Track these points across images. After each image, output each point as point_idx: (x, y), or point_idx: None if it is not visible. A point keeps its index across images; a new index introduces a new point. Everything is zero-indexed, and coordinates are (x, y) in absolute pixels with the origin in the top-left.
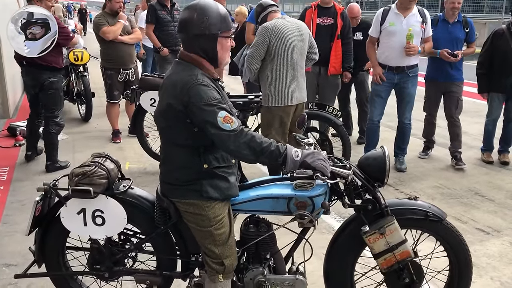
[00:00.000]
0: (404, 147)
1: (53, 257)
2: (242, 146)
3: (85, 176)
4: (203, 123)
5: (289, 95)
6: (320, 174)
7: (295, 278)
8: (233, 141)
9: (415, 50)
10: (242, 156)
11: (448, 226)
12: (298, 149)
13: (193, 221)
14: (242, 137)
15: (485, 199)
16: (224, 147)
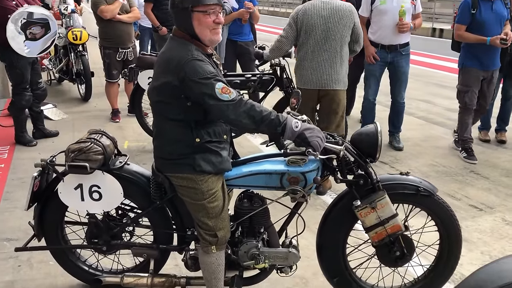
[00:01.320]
0: (398, 125)
1: (52, 231)
2: (242, 115)
3: (81, 152)
4: (200, 96)
5: (305, 78)
6: (312, 150)
7: (288, 251)
8: (232, 110)
9: (407, 27)
10: (243, 125)
11: (438, 200)
12: (299, 121)
13: (187, 195)
14: (241, 106)
15: (480, 177)
16: (224, 117)
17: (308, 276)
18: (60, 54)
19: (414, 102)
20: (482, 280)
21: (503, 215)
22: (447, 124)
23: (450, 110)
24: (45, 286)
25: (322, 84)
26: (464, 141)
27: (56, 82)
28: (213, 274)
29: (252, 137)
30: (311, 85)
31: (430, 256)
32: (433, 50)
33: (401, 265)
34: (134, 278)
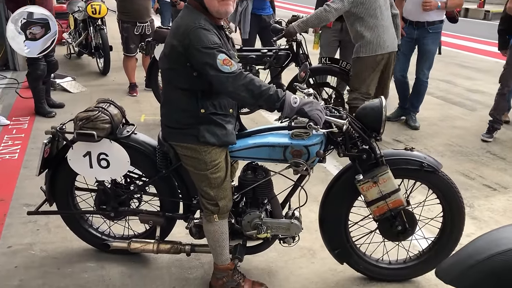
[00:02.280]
0: (417, 105)
1: (63, 197)
2: (241, 88)
3: (89, 120)
4: (202, 65)
5: (380, 42)
6: (313, 124)
7: (290, 222)
8: (231, 83)
9: (431, 5)
10: (241, 98)
11: (442, 176)
12: (298, 96)
13: (191, 164)
14: (241, 80)
15: (496, 157)
16: (223, 89)
17: (316, 248)
18: (79, 28)
19: (434, 82)
20: (481, 247)
21: None
22: (466, 105)
23: (470, 91)
24: (62, 249)
25: (394, 45)
26: (494, 121)
27: (75, 56)
28: (217, 242)
29: (267, 113)
30: (385, 48)
31: (434, 229)
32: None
33: (403, 239)
34: (141, 244)
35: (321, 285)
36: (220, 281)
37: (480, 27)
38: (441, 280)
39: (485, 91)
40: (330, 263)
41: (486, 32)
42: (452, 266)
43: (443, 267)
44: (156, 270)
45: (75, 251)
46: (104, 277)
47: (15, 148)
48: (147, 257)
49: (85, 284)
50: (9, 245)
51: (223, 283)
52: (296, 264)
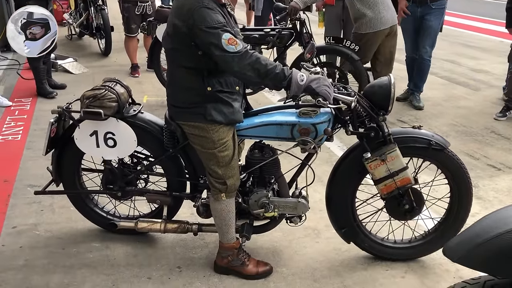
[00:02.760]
0: (420, 85)
1: (69, 176)
2: (247, 68)
3: (96, 98)
4: (207, 45)
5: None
6: (322, 99)
7: (297, 201)
8: (237, 62)
9: None
10: (247, 78)
11: (450, 154)
12: (304, 73)
13: (198, 143)
14: (246, 59)
15: (500, 137)
16: (229, 69)
17: (321, 227)
18: (80, 8)
19: (438, 62)
20: (489, 225)
21: None
22: (470, 85)
23: (474, 70)
24: (67, 229)
25: (393, 19)
26: (509, 101)
27: (76, 36)
28: (223, 220)
29: (270, 93)
30: (385, 23)
31: (440, 209)
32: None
33: (410, 218)
34: (148, 223)
35: (325, 264)
36: (225, 260)
37: (486, 6)
38: (449, 258)
39: (489, 71)
40: (334, 243)
41: (492, 11)
42: (460, 244)
43: (451, 246)
44: (161, 249)
45: (80, 231)
46: (109, 256)
47: (18, 130)
48: (152, 237)
49: (90, 263)
50: (14, 226)
51: (228, 262)
52: (301, 244)
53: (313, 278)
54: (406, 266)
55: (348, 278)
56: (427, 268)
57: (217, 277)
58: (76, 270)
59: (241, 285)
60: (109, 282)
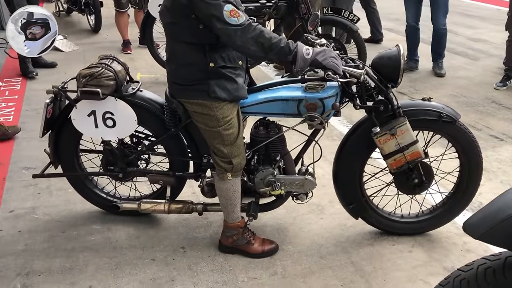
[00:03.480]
0: (441, 51)
1: (68, 158)
2: (250, 42)
3: (93, 77)
4: (208, 17)
5: None
6: (332, 73)
7: (304, 178)
8: (240, 36)
9: None
10: (250, 52)
11: (461, 127)
12: (309, 47)
13: (202, 121)
14: (249, 32)
15: (502, 107)
16: (231, 43)
17: (324, 203)
18: None
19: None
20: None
21: None
22: (469, 54)
23: (472, 40)
24: (66, 212)
25: None
26: (508, 70)
27: (64, 13)
28: (229, 200)
29: (267, 68)
30: None
31: (447, 183)
32: None
33: (419, 192)
34: (151, 204)
35: (331, 240)
36: (230, 239)
37: None
38: (470, 235)
39: (488, 40)
40: (339, 218)
41: None
42: (481, 221)
43: (471, 222)
44: (164, 230)
45: (80, 214)
46: (110, 239)
47: (9, 110)
48: (154, 218)
49: (91, 246)
50: (11, 210)
51: (233, 241)
52: (305, 221)
53: (320, 255)
54: (413, 240)
55: (354, 254)
56: (434, 242)
57: (222, 257)
58: (77, 254)
59: (247, 264)
60: (112, 264)
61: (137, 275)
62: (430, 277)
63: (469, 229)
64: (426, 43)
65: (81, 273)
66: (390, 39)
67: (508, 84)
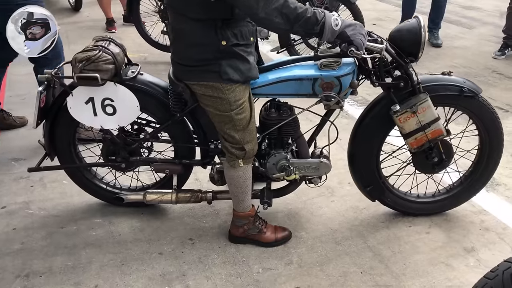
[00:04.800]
0: (438, 21)
1: (64, 149)
2: (274, 13)
3: (90, 61)
4: None
5: None
6: (355, 49)
7: (319, 161)
8: (262, 7)
9: None
10: (274, 25)
11: (483, 102)
12: (338, 16)
13: (212, 105)
14: (273, 2)
15: (503, 77)
16: (253, 15)
17: (334, 185)
18: None
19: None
20: None
21: None
22: (463, 23)
23: (465, 7)
24: (62, 205)
25: None
26: (507, 38)
27: None
28: (240, 188)
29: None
30: None
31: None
32: None
33: (439, 171)
34: (158, 195)
35: (345, 224)
36: (241, 229)
37: None
38: None
39: (480, 7)
40: (351, 200)
41: None
42: None
43: None
44: (169, 221)
45: (78, 207)
46: (113, 233)
47: None
48: (157, 209)
49: (94, 242)
50: (3, 206)
51: (244, 231)
52: (316, 204)
53: (335, 241)
54: (429, 221)
55: (371, 238)
56: (451, 221)
57: (234, 247)
58: (79, 250)
59: (260, 253)
60: (118, 261)
61: (146, 271)
62: (451, 259)
63: None
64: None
65: (85, 271)
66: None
67: (506, 52)
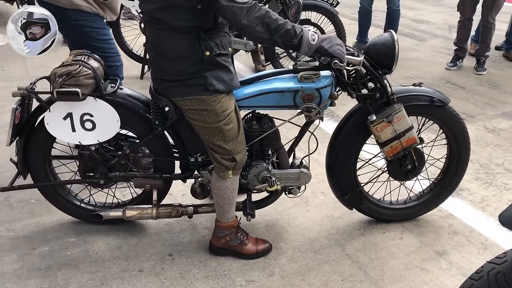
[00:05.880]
0: None
1: (39, 166)
2: (256, 21)
3: (70, 76)
4: None
5: None
6: (338, 61)
7: (300, 172)
8: (245, 14)
9: None
10: (255, 33)
11: (452, 112)
12: (315, 32)
13: (199, 118)
14: (255, 11)
15: (456, 87)
16: (236, 22)
17: (308, 195)
18: None
19: (380, 14)
20: None
21: (484, 123)
22: (415, 36)
23: (416, 21)
24: (32, 226)
25: None
26: (458, 50)
27: None
28: (227, 199)
29: None
30: None
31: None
32: None
33: (411, 178)
34: (138, 211)
35: (322, 233)
36: (223, 240)
37: None
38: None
39: (430, 21)
40: (325, 210)
41: None
42: None
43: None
44: (146, 237)
45: (49, 226)
46: (89, 252)
47: None
48: (133, 225)
49: (70, 262)
50: None
51: (225, 242)
52: (292, 215)
53: (314, 250)
54: (401, 226)
55: (348, 245)
56: (422, 226)
57: (215, 261)
58: (55, 272)
59: (241, 266)
60: (97, 280)
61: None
62: (425, 263)
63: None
64: (374, 26)
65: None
66: None
67: (458, 64)
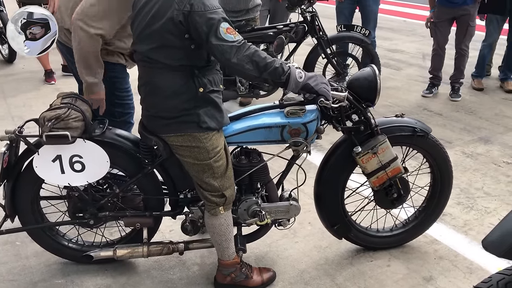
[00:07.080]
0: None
1: (27, 208)
2: (245, 60)
3: (60, 119)
4: (204, 34)
5: None
6: (324, 99)
7: (289, 204)
8: (235, 53)
9: None
10: (245, 71)
11: (435, 141)
12: (301, 70)
13: (190, 155)
14: (245, 50)
15: (433, 114)
16: (225, 60)
17: (295, 226)
18: None
19: None
20: None
21: (462, 149)
22: (391, 65)
23: (390, 51)
24: (18, 268)
25: None
26: (433, 78)
27: None
28: (223, 236)
29: None
30: None
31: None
32: None
33: (397, 206)
34: (128, 250)
35: (311, 264)
36: (229, 278)
37: None
38: (493, 254)
39: (404, 50)
40: (313, 240)
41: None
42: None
43: (492, 240)
44: (135, 276)
45: (35, 269)
46: None
47: None
48: (121, 264)
49: None
50: None
51: (231, 279)
52: (280, 246)
53: (304, 281)
54: (388, 254)
55: (337, 275)
56: (408, 253)
57: None
58: None
59: None
60: None
61: None
62: None
63: (491, 247)
64: None
65: None
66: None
67: (433, 91)
